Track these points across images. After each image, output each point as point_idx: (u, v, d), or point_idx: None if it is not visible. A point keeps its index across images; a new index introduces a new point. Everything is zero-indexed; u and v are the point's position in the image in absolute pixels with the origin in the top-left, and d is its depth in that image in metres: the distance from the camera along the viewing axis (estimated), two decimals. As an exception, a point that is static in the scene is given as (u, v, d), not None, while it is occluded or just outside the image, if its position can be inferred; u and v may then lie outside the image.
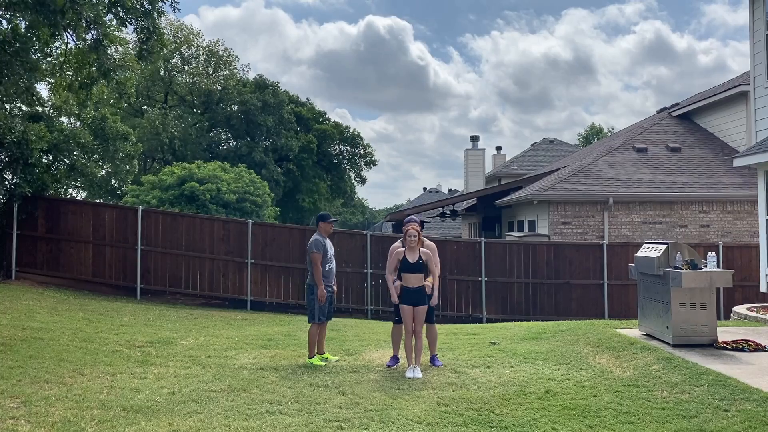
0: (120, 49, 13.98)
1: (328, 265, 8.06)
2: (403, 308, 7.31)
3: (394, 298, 7.38)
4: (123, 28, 13.05)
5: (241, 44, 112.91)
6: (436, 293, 7.46)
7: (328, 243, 8.18)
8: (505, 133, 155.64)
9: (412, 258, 7.28)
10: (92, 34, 11.75)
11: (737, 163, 12.34)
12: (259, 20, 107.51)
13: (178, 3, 13.16)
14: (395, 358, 7.69)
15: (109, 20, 12.03)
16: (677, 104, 24.06)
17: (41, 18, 10.89)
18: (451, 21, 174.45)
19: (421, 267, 7.28)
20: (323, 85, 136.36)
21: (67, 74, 13.95)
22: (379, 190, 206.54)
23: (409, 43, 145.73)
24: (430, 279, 7.38)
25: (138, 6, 11.75)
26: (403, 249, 7.35)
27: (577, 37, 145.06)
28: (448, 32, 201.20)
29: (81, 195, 21.56)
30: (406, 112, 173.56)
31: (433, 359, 7.61)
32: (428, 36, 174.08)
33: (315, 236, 8.09)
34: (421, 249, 7.38)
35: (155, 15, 11.91)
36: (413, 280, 7.27)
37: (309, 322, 8.03)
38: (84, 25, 11.36)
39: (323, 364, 7.73)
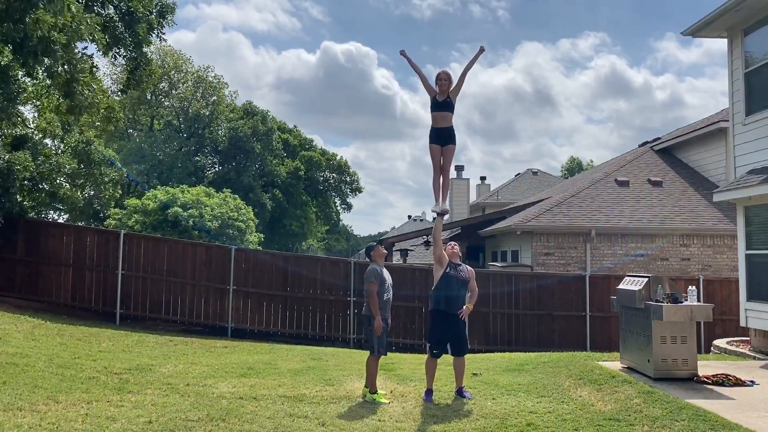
0: (94, 87, 13.82)
1: (385, 295, 7.58)
2: (432, 147, 7.88)
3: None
4: (113, 59, 13.19)
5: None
6: (470, 305, 7.68)
7: (386, 272, 7.70)
8: (476, 162, 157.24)
9: (440, 97, 7.81)
10: (65, 70, 11.96)
11: (717, 198, 12.52)
12: (214, 46, 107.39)
13: (164, 34, 13.35)
14: (429, 392, 7.49)
15: (90, 53, 12.48)
16: (658, 138, 24.51)
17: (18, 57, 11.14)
18: (410, 52, 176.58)
19: (450, 106, 7.80)
20: (290, 111, 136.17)
21: (54, 97, 13.93)
22: (360, 217, 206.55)
23: (374, 71, 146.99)
24: (469, 305, 7.63)
25: (127, 36, 11.92)
26: (436, 91, 7.86)
27: (535, 70, 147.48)
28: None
29: (62, 218, 21.32)
30: (377, 139, 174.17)
31: (461, 391, 7.54)
32: (391, 65, 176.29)
33: (372, 265, 7.67)
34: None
35: (143, 46, 12.10)
36: (441, 119, 7.83)
37: (371, 354, 7.56)
38: (58, 67, 11.64)
39: (387, 402, 7.10)
